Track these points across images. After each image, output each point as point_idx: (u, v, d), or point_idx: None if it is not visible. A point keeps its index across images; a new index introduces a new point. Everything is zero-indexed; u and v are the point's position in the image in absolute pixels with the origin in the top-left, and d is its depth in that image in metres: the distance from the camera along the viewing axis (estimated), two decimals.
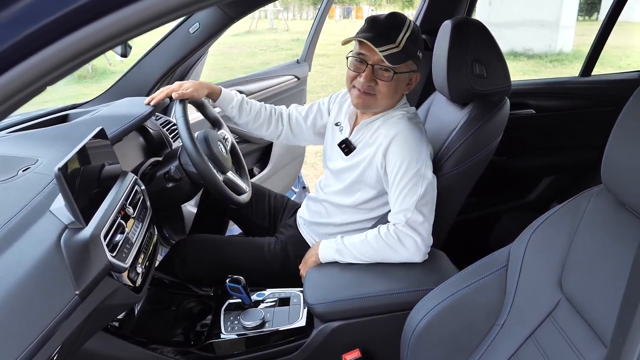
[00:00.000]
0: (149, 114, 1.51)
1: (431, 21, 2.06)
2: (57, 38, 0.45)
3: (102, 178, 1.15)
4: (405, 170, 1.35)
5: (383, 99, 1.43)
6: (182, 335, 1.40)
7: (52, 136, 1.40)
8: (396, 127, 1.40)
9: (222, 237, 1.67)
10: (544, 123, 2.30)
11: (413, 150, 1.35)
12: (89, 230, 1.02)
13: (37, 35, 0.44)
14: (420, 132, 1.41)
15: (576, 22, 11.85)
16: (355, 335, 1.31)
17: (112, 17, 0.45)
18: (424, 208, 1.35)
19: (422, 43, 1.41)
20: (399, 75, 1.39)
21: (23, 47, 0.44)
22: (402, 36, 1.35)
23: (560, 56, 10.73)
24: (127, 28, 0.45)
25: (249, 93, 2.45)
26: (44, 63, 0.46)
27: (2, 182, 1.11)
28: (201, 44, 1.79)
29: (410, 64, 1.40)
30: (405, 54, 1.36)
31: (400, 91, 1.44)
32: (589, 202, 0.98)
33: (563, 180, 2.41)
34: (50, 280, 0.90)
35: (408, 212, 1.33)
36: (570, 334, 0.91)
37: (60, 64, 0.47)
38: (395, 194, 1.36)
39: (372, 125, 1.48)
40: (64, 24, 0.45)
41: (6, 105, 0.45)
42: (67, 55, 0.46)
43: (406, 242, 1.33)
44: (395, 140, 1.37)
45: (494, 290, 1.06)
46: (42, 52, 0.46)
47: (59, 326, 0.86)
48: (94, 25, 0.45)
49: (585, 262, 0.92)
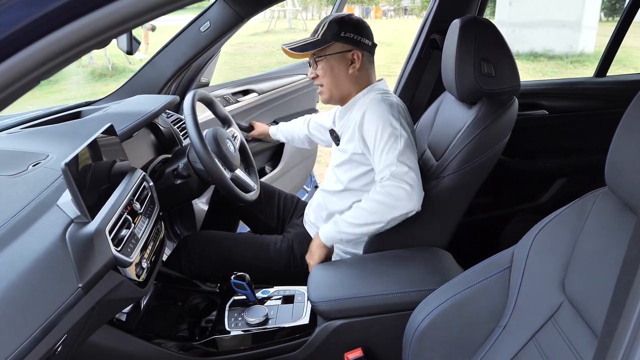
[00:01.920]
0: (158, 111, 1.53)
1: (442, 21, 2.04)
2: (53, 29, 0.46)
3: (110, 174, 1.17)
4: (381, 133, 1.39)
5: (328, 87, 1.56)
6: (187, 331, 1.42)
7: (63, 132, 1.43)
8: (365, 104, 1.48)
9: (228, 234, 1.69)
10: (557, 124, 2.27)
11: (384, 116, 1.41)
12: (94, 225, 1.03)
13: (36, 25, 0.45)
14: (390, 102, 1.46)
15: (599, 22, 11.64)
16: (357, 334, 1.30)
17: (105, 10, 0.46)
18: (406, 160, 1.37)
19: (352, 25, 1.52)
20: (327, 58, 1.52)
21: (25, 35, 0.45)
22: (322, 27, 1.52)
23: (582, 57, 10.55)
24: (109, 25, 0.45)
25: (261, 92, 2.48)
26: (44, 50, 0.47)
27: (12, 176, 1.14)
28: (212, 42, 1.80)
29: (336, 46, 1.51)
30: (322, 40, 1.50)
31: (342, 72, 1.53)
32: (593, 204, 0.96)
33: (576, 182, 2.37)
34: (53, 272, 0.92)
35: (392, 165, 1.36)
36: (572, 336, 0.90)
37: (53, 56, 0.48)
38: (377, 156, 1.40)
39: (350, 110, 1.56)
40: (62, 14, 0.46)
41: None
42: (56, 49, 0.47)
43: (396, 193, 1.34)
44: (366, 113, 1.45)
45: (496, 291, 1.05)
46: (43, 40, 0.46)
47: (61, 318, 0.88)
48: (88, 17, 0.46)
49: (589, 264, 0.91)
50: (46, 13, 0.43)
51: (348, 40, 1.51)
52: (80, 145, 1.07)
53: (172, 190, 1.55)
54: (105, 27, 0.44)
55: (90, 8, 0.44)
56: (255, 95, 2.48)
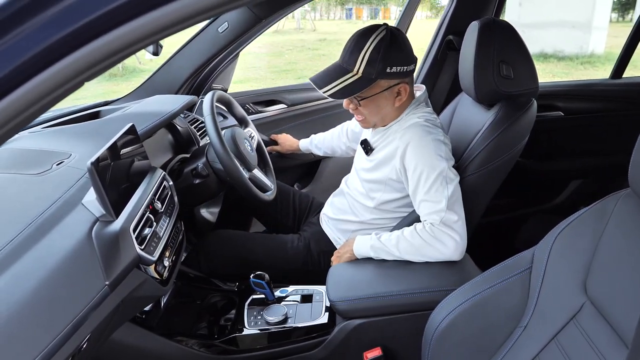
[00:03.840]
0: (178, 111, 1.55)
1: (459, 22, 2.05)
2: (98, 35, 0.48)
3: (131, 173, 1.18)
4: (427, 174, 1.34)
5: (371, 119, 1.45)
6: (206, 329, 1.43)
7: (85, 132, 1.45)
8: (410, 132, 1.38)
9: (246, 234, 1.70)
10: (573, 125, 2.26)
11: (432, 153, 1.34)
12: (119, 223, 1.05)
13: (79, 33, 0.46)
14: (437, 134, 1.38)
15: (609, 23, 11.57)
16: (376, 334, 1.31)
17: (152, 14, 0.47)
18: (455, 206, 1.34)
19: (396, 55, 1.34)
20: (372, 97, 1.37)
21: (66, 44, 0.46)
22: (361, 61, 1.33)
23: (592, 58, 10.49)
24: (165, 26, 0.46)
25: (292, 103, 2.34)
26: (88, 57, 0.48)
27: (38, 175, 1.15)
28: (230, 43, 1.81)
29: (382, 83, 1.36)
30: (365, 80, 1.34)
31: (388, 107, 1.42)
32: (615, 206, 0.96)
33: (591, 183, 2.36)
34: (81, 270, 0.93)
35: (441, 212, 1.32)
36: (594, 337, 0.90)
37: (102, 59, 0.49)
38: (420, 194, 1.36)
39: (388, 128, 1.48)
40: (105, 23, 0.47)
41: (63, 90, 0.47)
42: (105, 52, 0.48)
43: (445, 240, 1.33)
44: (411, 145, 1.36)
45: (517, 292, 1.05)
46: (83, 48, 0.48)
47: (89, 315, 0.89)
48: (134, 22, 0.47)
49: (611, 265, 0.91)
50: (112, 9, 0.45)
51: (394, 75, 1.35)
52: (102, 145, 1.08)
53: (190, 190, 1.57)
54: (163, 26, 0.46)
55: (147, 9, 0.46)
56: (284, 108, 2.32)
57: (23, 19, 0.45)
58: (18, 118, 0.48)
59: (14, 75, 0.45)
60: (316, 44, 13.71)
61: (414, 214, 1.43)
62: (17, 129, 0.51)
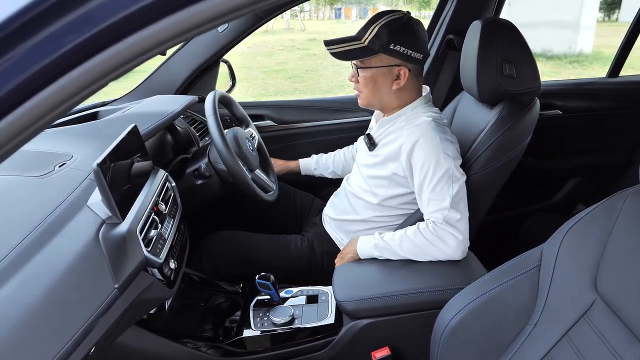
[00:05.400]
0: (180, 111, 1.53)
1: (459, 22, 2.05)
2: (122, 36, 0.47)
3: (133, 174, 1.17)
4: (433, 171, 1.34)
5: (368, 97, 1.46)
6: (211, 331, 1.42)
7: (85, 133, 1.43)
8: (419, 129, 1.38)
9: (248, 234, 1.69)
10: (571, 124, 2.28)
11: (439, 152, 1.34)
12: (126, 225, 1.04)
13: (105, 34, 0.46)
14: (445, 133, 1.39)
15: (597, 23, 11.71)
16: (384, 333, 1.31)
17: (177, 15, 0.46)
18: (459, 205, 1.34)
19: (405, 36, 1.37)
20: (371, 70, 1.40)
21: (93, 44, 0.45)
22: (370, 32, 1.37)
23: (580, 57, 10.61)
24: (192, 26, 0.46)
25: (280, 122, 2.20)
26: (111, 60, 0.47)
27: (40, 177, 1.14)
28: (229, 42, 1.80)
29: (383, 58, 1.39)
30: (368, 49, 1.37)
31: (385, 87, 1.43)
32: (624, 203, 0.97)
33: (589, 182, 2.38)
34: (90, 273, 0.92)
35: (445, 210, 1.33)
36: (606, 334, 0.90)
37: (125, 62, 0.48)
38: (427, 195, 1.36)
39: (393, 124, 1.49)
40: (130, 23, 0.46)
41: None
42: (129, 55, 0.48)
43: (447, 239, 1.33)
44: (420, 142, 1.36)
45: (525, 290, 1.05)
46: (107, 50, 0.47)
47: (100, 318, 0.88)
48: (159, 24, 0.46)
49: (622, 262, 0.92)
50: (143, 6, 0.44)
51: (397, 54, 1.38)
52: (104, 146, 1.07)
53: (192, 191, 1.56)
54: (193, 25, 0.45)
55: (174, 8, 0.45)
56: (271, 125, 2.17)
57: (51, 19, 0.44)
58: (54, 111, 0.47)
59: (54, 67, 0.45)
60: (306, 43, 13.71)
61: (418, 212, 1.43)
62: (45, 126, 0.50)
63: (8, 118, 0.46)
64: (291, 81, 9.05)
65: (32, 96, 0.45)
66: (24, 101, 0.46)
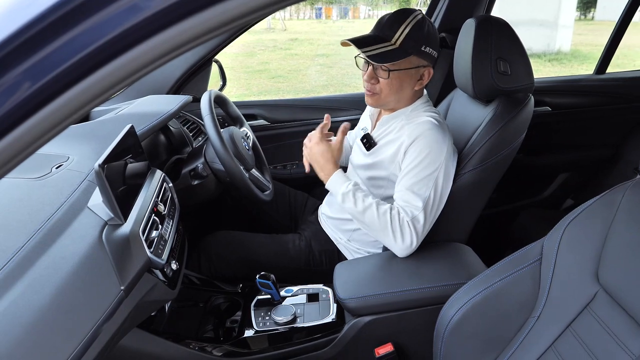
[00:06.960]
0: (175, 111, 1.52)
1: (451, 20, 2.07)
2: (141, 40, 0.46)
3: (130, 175, 1.16)
4: (424, 166, 1.34)
5: (387, 97, 1.43)
6: (212, 332, 1.41)
7: (79, 134, 1.41)
8: (421, 128, 1.38)
9: (246, 234, 1.68)
10: (560, 120, 2.32)
11: (433, 152, 1.35)
12: (129, 227, 1.03)
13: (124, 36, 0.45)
14: (445, 134, 1.39)
15: (575, 21, 11.91)
16: (387, 330, 1.31)
17: (195, 18, 0.46)
18: (429, 211, 1.35)
19: (431, 37, 1.38)
20: (400, 72, 1.38)
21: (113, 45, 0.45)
22: (401, 33, 1.34)
23: (559, 55, 10.78)
24: (209, 29, 0.45)
25: (274, 121, 2.20)
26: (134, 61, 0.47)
27: (38, 179, 1.12)
28: (224, 41, 1.79)
29: (413, 60, 1.38)
30: (402, 51, 1.34)
31: (408, 88, 1.43)
32: (623, 195, 0.99)
33: (578, 176, 2.43)
34: (96, 275, 0.91)
35: (415, 210, 1.34)
36: (610, 324, 0.92)
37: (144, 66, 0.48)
38: (407, 183, 1.36)
39: (395, 122, 1.47)
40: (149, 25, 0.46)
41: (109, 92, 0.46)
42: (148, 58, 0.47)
43: (406, 237, 1.33)
44: (419, 139, 1.37)
45: (527, 283, 1.07)
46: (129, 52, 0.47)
47: (107, 320, 0.87)
48: (178, 26, 0.46)
49: (623, 253, 0.93)
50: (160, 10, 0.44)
51: (427, 56, 1.39)
52: (99, 147, 1.06)
53: (189, 191, 1.54)
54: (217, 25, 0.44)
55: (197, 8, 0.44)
56: (264, 124, 2.18)
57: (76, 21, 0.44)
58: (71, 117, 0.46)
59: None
60: (288, 43, 13.67)
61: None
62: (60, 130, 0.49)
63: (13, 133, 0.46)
64: (274, 81, 9.02)
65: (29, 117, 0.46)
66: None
